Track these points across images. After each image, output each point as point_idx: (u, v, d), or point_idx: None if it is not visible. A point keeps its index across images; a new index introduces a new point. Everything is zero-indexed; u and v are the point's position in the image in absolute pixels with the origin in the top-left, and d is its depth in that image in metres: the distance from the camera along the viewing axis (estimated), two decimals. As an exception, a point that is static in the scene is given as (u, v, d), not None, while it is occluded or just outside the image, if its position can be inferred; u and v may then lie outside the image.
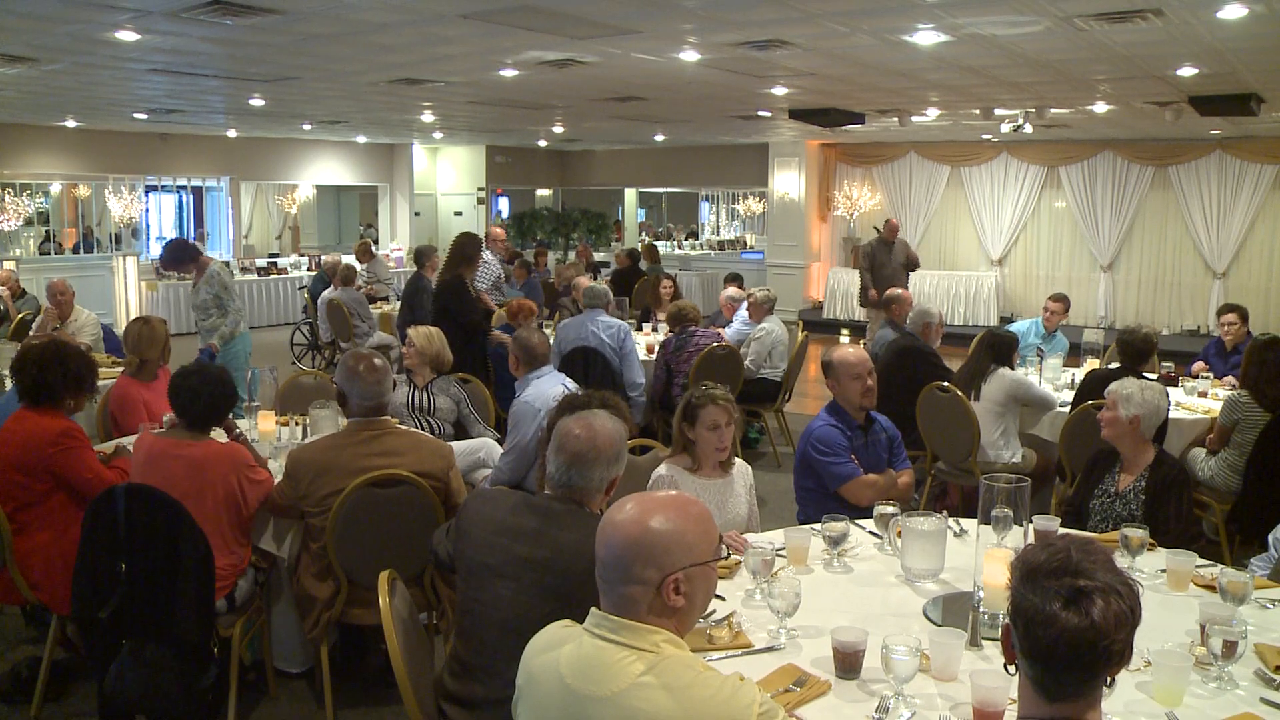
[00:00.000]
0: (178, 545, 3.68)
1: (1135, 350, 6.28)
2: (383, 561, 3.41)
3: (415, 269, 9.92)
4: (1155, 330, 6.56)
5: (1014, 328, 8.13)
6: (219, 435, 4.41)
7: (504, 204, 23.70)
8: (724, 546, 3.52)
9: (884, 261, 13.00)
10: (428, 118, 14.36)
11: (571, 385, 5.53)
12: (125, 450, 4.68)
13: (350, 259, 13.66)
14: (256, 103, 12.14)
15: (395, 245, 20.08)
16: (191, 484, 4.01)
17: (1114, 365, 6.81)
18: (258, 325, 17.01)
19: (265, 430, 5.19)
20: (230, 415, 4.46)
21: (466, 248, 8.06)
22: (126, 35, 7.44)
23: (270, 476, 4.32)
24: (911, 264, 13.25)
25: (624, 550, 2.08)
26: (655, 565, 2.08)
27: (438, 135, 18.35)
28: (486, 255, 10.22)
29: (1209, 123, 12.41)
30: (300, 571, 4.22)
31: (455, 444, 5.30)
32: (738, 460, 4.23)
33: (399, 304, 10.93)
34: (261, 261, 18.11)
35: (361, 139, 19.19)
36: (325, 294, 11.88)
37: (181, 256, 7.80)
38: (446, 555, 3.25)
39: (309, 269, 17.70)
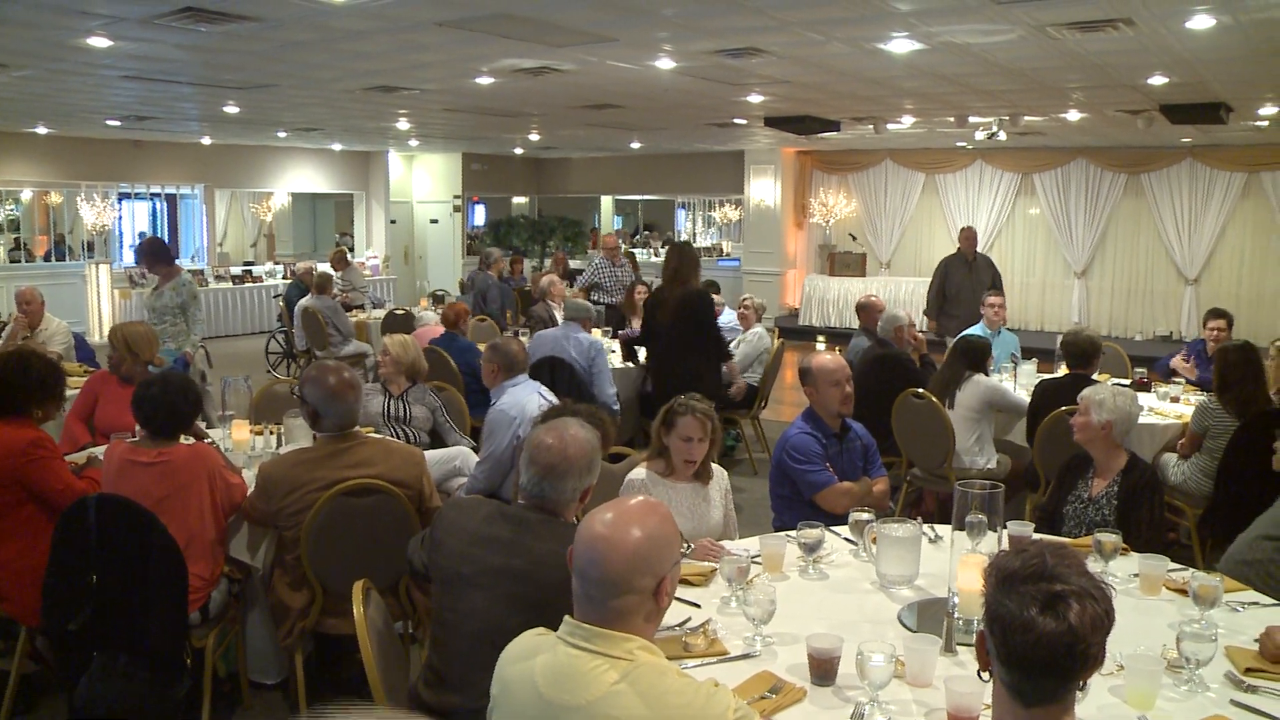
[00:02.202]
0: (150, 556, 3.64)
1: (1080, 352, 6.34)
2: (358, 571, 3.39)
3: (479, 268, 12.50)
4: (1097, 333, 6.62)
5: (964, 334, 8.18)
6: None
7: (480, 212, 23.65)
8: (687, 543, 3.55)
9: (961, 282, 10.45)
10: (403, 125, 14.32)
11: (548, 394, 5.52)
12: (97, 460, 4.64)
13: (325, 267, 13.60)
14: (231, 110, 12.08)
15: (371, 253, 20.00)
16: (164, 492, 3.97)
17: (1061, 373, 6.83)
18: (232, 334, 16.93)
19: (239, 440, 5.15)
20: (199, 424, 4.42)
21: (689, 257, 7.24)
22: (98, 42, 7.38)
23: (243, 481, 4.29)
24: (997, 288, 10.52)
25: (625, 563, 2.10)
26: (652, 572, 2.12)
27: (413, 143, 18.30)
28: (597, 260, 11.87)
29: (1180, 130, 12.54)
30: (274, 581, 4.19)
31: (430, 452, 5.28)
32: (715, 466, 4.22)
33: (470, 298, 12.25)
34: (236, 269, 18.01)
35: (337, 146, 19.13)
36: (301, 302, 11.82)
37: (163, 254, 7.93)
38: (421, 565, 3.25)
39: (284, 277, 17.60)
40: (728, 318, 9.59)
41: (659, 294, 7.29)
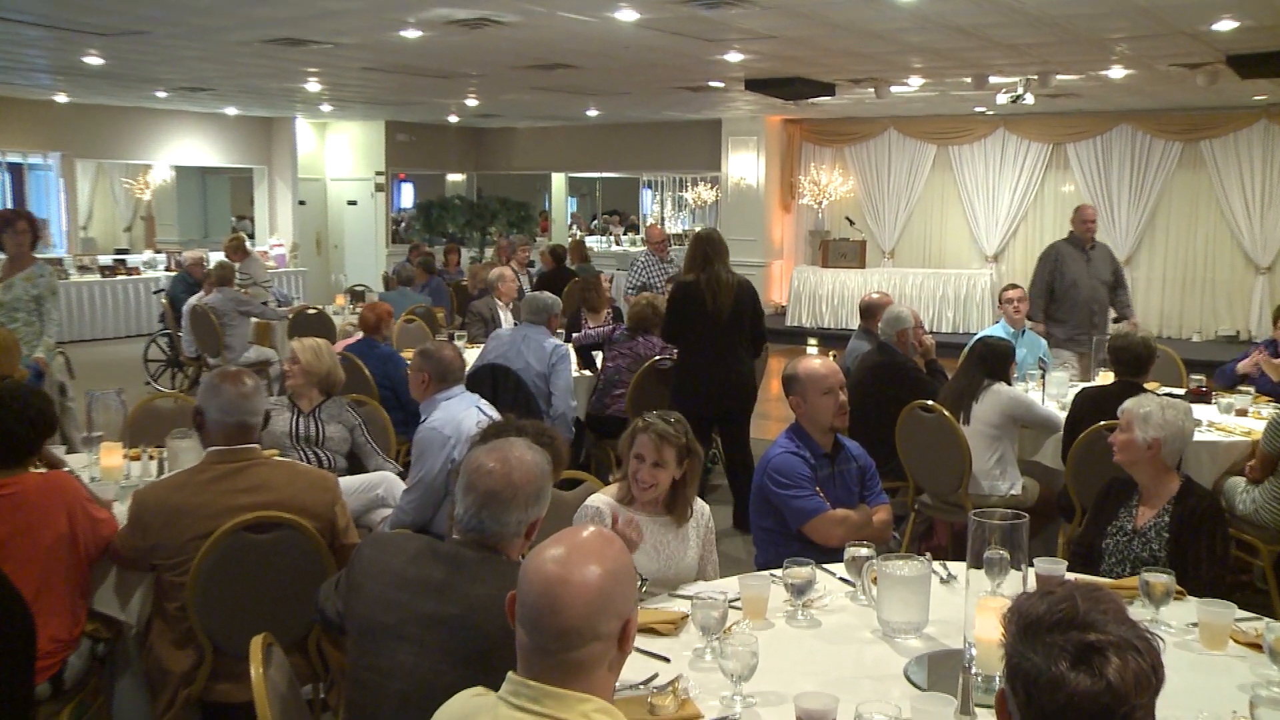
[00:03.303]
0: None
1: (1133, 358, 6.33)
2: (257, 623, 3.37)
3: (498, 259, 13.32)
4: (1152, 335, 6.64)
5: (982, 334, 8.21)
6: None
7: (407, 191, 23.60)
8: (642, 579, 3.58)
9: (1076, 275, 9.62)
10: (313, 86, 14.26)
11: (487, 409, 5.51)
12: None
13: (219, 256, 13.47)
14: (93, 61, 11.89)
15: (275, 240, 19.85)
16: (6, 532, 3.86)
17: (1105, 379, 6.88)
18: (100, 337, 16.74)
19: (109, 466, 5.05)
20: (57, 449, 4.35)
21: (718, 243, 7.72)
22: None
23: (113, 517, 4.23)
24: (1119, 282, 9.98)
25: (588, 608, 2.12)
26: (617, 614, 2.15)
27: (326, 108, 18.23)
28: (643, 255, 12.19)
29: (1252, 87, 12.47)
30: (152, 639, 4.13)
31: (349, 479, 5.25)
32: (697, 502, 4.21)
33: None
34: (105, 259, 17.79)
35: (232, 111, 19.00)
36: (191, 300, 11.67)
37: (33, 227, 7.70)
38: (335, 614, 3.24)
39: (167, 269, 17.46)
40: None
41: (692, 286, 7.49)
